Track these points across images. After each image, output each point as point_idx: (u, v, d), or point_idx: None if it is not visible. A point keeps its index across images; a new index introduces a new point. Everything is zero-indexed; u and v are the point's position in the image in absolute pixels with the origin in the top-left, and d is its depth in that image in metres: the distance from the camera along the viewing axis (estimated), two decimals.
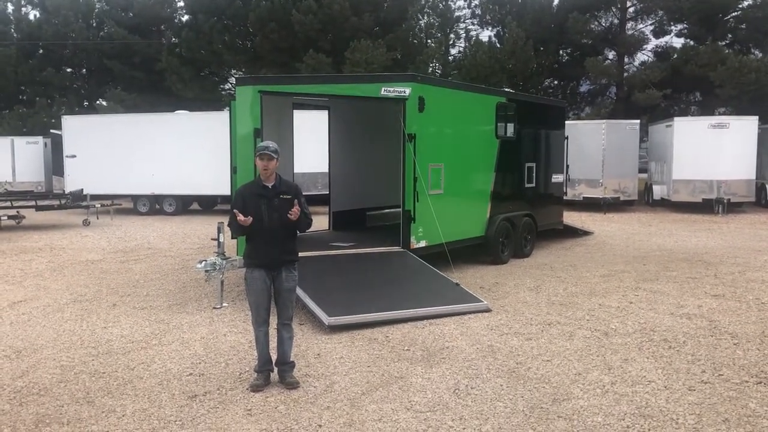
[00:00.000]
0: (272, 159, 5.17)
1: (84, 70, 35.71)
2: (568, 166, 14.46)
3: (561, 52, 31.97)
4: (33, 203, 17.62)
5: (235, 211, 5.10)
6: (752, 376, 5.39)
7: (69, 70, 35.36)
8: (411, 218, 9.20)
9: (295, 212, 5.08)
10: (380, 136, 11.34)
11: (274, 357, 5.36)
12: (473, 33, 34.58)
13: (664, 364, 5.70)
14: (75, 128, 21.51)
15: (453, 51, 34.84)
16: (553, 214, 13.49)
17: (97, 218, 18.20)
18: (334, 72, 24.81)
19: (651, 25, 30.20)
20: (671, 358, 5.86)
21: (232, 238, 6.83)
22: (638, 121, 21.97)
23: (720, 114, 26.44)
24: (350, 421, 4.60)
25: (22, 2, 35.26)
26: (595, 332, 6.72)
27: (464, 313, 7.43)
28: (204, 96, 29.45)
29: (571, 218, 15.75)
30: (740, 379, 5.33)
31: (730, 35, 28.63)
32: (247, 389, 5.18)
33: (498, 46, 30.10)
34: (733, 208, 19.72)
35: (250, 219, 5.05)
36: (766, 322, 7.10)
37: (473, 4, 34.66)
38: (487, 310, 7.60)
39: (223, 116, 16.96)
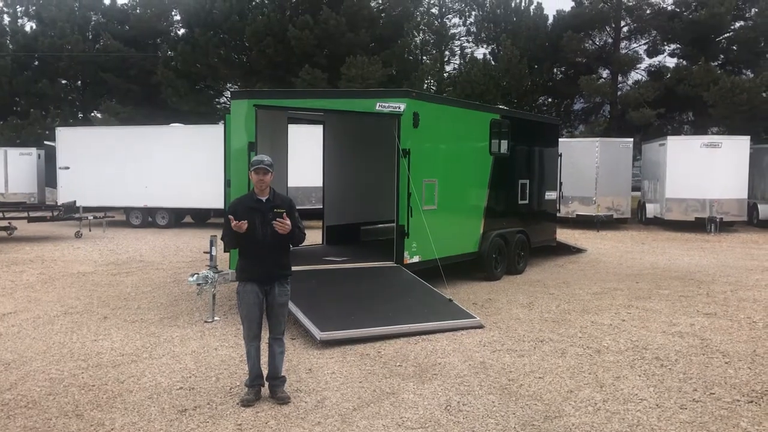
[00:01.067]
0: (267, 172, 5.17)
1: (79, 82, 35.71)
2: (561, 184, 14.53)
3: (555, 70, 32.22)
4: (25, 214, 17.53)
5: (230, 216, 5.08)
6: (743, 395, 5.39)
7: (64, 82, 35.34)
8: (405, 233, 9.21)
9: (283, 224, 5.05)
10: (375, 151, 11.37)
11: (265, 372, 5.34)
12: (468, 50, 34.87)
13: (655, 382, 5.70)
14: (69, 140, 21.45)
15: (448, 68, 35.07)
16: (546, 231, 13.52)
17: (90, 230, 18.14)
18: (330, 87, 24.90)
19: (644, 44, 30.55)
20: (663, 377, 5.86)
21: (225, 250, 6.82)
22: (631, 139, 22.10)
23: (713, 133, 26.63)
24: None
25: (19, 14, 35.35)
26: (587, 350, 6.72)
27: (457, 329, 7.42)
28: (199, 109, 29.45)
29: (564, 235, 15.79)
30: (732, 397, 5.34)
31: (722, 56, 28.97)
32: (238, 404, 5.15)
33: (493, 63, 30.31)
34: (725, 227, 19.82)
35: (245, 223, 5.02)
36: (757, 341, 7.12)
37: (468, 22, 35.01)
38: (480, 327, 7.59)
39: (218, 129, 16.97)
